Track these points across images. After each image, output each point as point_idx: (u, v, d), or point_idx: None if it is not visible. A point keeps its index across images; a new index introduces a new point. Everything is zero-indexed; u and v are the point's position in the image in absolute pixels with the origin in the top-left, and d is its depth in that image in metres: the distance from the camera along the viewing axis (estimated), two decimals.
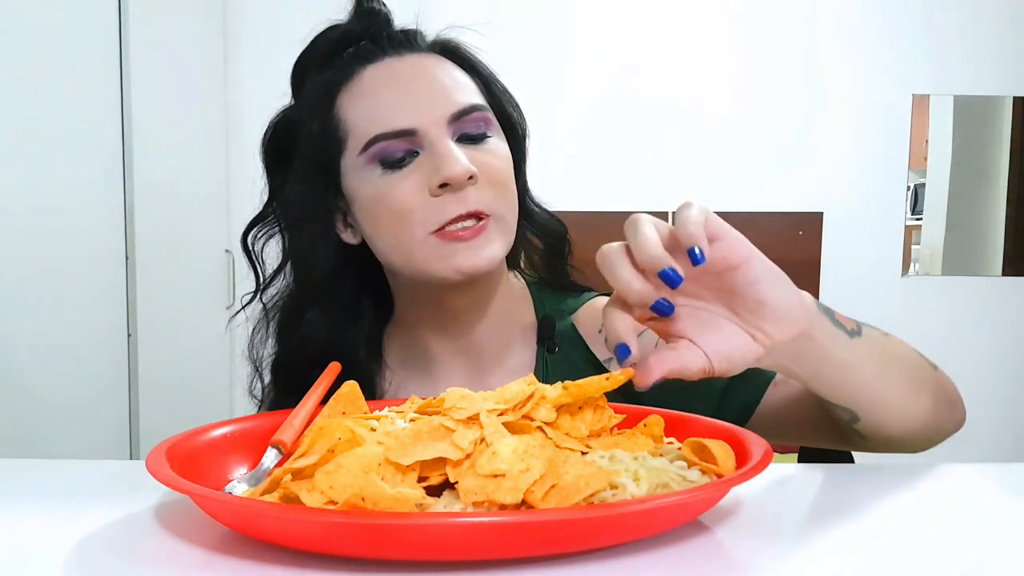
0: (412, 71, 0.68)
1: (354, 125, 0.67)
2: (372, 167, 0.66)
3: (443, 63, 0.70)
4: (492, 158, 0.67)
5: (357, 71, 0.68)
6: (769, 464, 0.43)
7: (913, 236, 2.45)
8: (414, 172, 0.65)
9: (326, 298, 0.71)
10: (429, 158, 0.64)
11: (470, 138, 0.67)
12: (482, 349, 0.75)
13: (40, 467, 0.55)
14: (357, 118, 0.67)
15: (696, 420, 0.54)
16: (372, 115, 0.66)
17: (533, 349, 0.76)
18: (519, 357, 0.76)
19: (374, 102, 0.66)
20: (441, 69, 0.69)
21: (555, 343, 0.75)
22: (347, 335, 0.72)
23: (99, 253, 1.71)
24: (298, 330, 0.71)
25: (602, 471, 0.39)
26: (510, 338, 0.76)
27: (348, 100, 0.68)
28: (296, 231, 0.71)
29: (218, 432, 0.51)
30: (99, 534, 0.41)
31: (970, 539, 0.43)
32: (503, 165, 0.68)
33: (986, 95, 2.39)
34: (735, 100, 2.41)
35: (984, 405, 2.45)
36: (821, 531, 0.43)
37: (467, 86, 0.69)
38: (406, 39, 0.70)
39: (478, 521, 0.36)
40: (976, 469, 0.55)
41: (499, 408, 0.45)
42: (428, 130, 0.65)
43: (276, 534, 0.37)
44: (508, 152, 0.70)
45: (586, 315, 0.76)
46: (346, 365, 0.67)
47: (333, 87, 0.69)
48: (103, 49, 1.73)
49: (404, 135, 0.65)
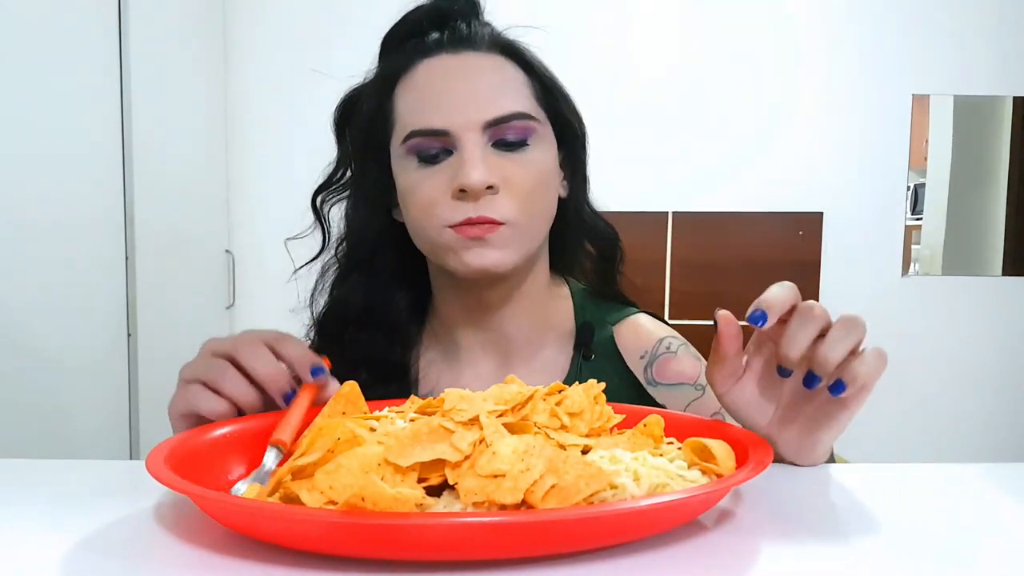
0: (462, 71, 0.69)
1: (400, 116, 0.70)
2: (410, 158, 0.69)
3: (499, 64, 0.70)
4: (522, 168, 0.68)
5: (415, 63, 0.70)
6: (769, 464, 0.43)
7: (913, 236, 2.45)
8: (444, 171, 0.67)
9: (372, 265, 0.75)
10: (458, 159, 0.66)
11: (507, 144, 0.68)
12: (510, 345, 0.77)
13: (40, 467, 0.55)
14: (403, 110, 0.70)
15: (696, 420, 0.54)
16: (415, 110, 0.68)
17: (568, 354, 0.77)
18: (552, 359, 0.77)
19: (419, 97, 0.69)
20: (494, 71, 0.69)
21: (592, 350, 0.76)
22: (388, 303, 0.76)
23: (99, 253, 1.71)
24: (344, 290, 0.76)
25: (602, 471, 0.39)
26: (543, 339, 0.78)
27: (402, 90, 0.70)
28: (353, 200, 0.76)
29: (218, 432, 0.51)
30: (99, 534, 0.41)
31: (970, 539, 0.43)
32: (534, 177, 0.68)
33: (986, 95, 2.39)
34: (735, 100, 2.41)
35: (984, 405, 2.45)
36: (821, 531, 0.43)
37: (517, 91, 0.69)
38: (469, 35, 0.71)
39: (478, 521, 0.36)
40: (976, 469, 0.55)
41: (499, 409, 0.45)
42: (461, 133, 0.66)
43: (276, 534, 0.37)
44: (549, 161, 0.71)
45: (627, 332, 0.78)
46: (382, 332, 0.74)
47: (393, 76, 0.71)
48: (103, 49, 1.73)
49: (438, 135, 0.67)
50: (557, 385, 0.50)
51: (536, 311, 0.77)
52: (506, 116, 0.67)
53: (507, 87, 0.69)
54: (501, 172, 0.66)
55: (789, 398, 0.56)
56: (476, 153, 0.65)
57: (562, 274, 0.82)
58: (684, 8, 2.42)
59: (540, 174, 0.69)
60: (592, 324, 0.78)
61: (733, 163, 2.41)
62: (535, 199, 0.69)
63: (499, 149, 0.67)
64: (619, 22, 2.42)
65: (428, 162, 0.68)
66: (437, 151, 0.67)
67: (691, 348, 0.78)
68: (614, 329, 0.77)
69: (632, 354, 0.76)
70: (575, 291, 0.81)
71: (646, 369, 0.75)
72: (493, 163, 0.66)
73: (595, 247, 0.80)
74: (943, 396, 2.43)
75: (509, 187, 0.67)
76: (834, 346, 0.49)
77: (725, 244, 2.41)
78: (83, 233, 1.64)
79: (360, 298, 0.74)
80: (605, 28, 2.41)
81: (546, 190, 0.70)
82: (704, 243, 2.42)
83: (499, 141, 0.67)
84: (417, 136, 0.67)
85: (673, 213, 2.42)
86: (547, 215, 0.72)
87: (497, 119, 0.67)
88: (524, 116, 0.68)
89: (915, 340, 2.41)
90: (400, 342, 0.76)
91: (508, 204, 0.67)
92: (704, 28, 2.42)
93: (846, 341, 0.49)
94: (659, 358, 0.75)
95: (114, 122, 1.77)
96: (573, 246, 0.80)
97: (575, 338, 0.78)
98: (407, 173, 0.69)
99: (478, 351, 0.77)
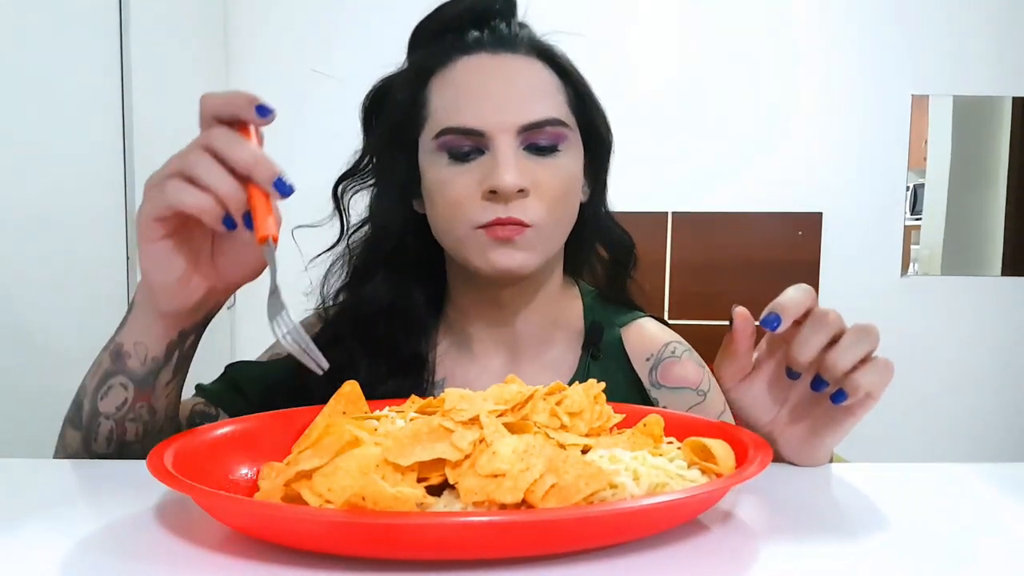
0: (500, 72, 0.69)
1: (434, 111, 0.70)
2: (440, 154, 0.69)
3: (536, 68, 0.70)
4: (552, 174, 0.68)
5: (453, 59, 0.70)
6: (769, 464, 0.43)
7: (912, 236, 2.45)
8: (475, 170, 0.67)
9: (394, 257, 0.75)
10: (491, 160, 0.67)
11: (539, 149, 0.68)
12: (520, 342, 0.78)
13: (40, 467, 0.55)
14: (438, 105, 0.70)
15: (696, 420, 0.54)
16: (450, 107, 0.68)
17: (577, 353, 0.79)
18: (560, 357, 0.79)
19: (455, 95, 0.69)
20: (531, 75, 0.70)
21: (599, 350, 0.78)
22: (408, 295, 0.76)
23: (100, 252, 1.71)
24: (364, 279, 0.76)
25: (602, 471, 0.39)
26: (553, 338, 0.79)
27: (437, 85, 0.70)
28: (378, 190, 0.76)
29: (218, 432, 0.51)
30: (99, 534, 0.41)
31: (970, 539, 0.43)
32: (562, 182, 0.69)
33: (985, 95, 2.39)
34: (734, 100, 2.41)
35: (983, 405, 2.46)
36: (821, 531, 0.43)
37: (552, 96, 0.70)
38: (508, 36, 0.71)
39: (478, 520, 0.36)
40: (976, 469, 0.55)
41: (499, 409, 0.45)
42: (495, 135, 0.66)
43: (277, 533, 0.37)
44: (576, 168, 0.72)
45: (634, 334, 0.79)
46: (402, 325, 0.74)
47: (428, 69, 0.71)
48: (104, 49, 1.73)
49: (472, 134, 0.67)
50: (558, 385, 0.50)
51: (548, 310, 0.78)
52: (540, 121, 0.67)
53: (543, 92, 0.69)
54: (532, 176, 0.67)
55: (796, 400, 0.56)
56: (509, 156, 0.66)
57: (572, 275, 0.84)
58: (684, 9, 2.42)
59: (568, 180, 0.70)
60: (601, 324, 0.79)
61: (732, 163, 2.41)
62: (562, 204, 0.69)
63: (531, 153, 0.68)
64: (619, 22, 2.42)
65: (459, 159, 0.68)
66: (469, 149, 0.68)
67: (695, 354, 0.79)
68: (622, 331, 0.79)
69: (638, 356, 0.77)
70: (585, 292, 0.83)
71: (651, 372, 0.76)
72: (524, 166, 0.67)
73: (610, 252, 0.81)
74: (942, 396, 2.43)
75: (539, 191, 0.68)
76: (844, 354, 0.50)
77: (725, 244, 2.41)
78: (84, 232, 1.64)
79: (381, 291, 0.74)
80: (605, 28, 2.41)
81: (572, 196, 0.71)
82: (704, 243, 2.42)
83: (531, 145, 0.68)
84: (450, 133, 0.68)
85: (673, 213, 2.43)
86: (570, 219, 0.73)
87: (532, 124, 0.67)
88: (558, 123, 0.69)
89: (914, 340, 2.41)
90: (419, 334, 0.77)
91: (537, 207, 0.67)
92: (703, 29, 2.42)
93: (856, 349, 0.50)
94: (663, 361, 0.76)
95: (115, 121, 1.77)
96: (587, 249, 0.81)
97: (584, 337, 0.79)
98: (436, 169, 0.69)
99: (489, 345, 0.78)
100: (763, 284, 2.38)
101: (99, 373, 0.60)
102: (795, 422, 0.56)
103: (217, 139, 0.51)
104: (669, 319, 2.61)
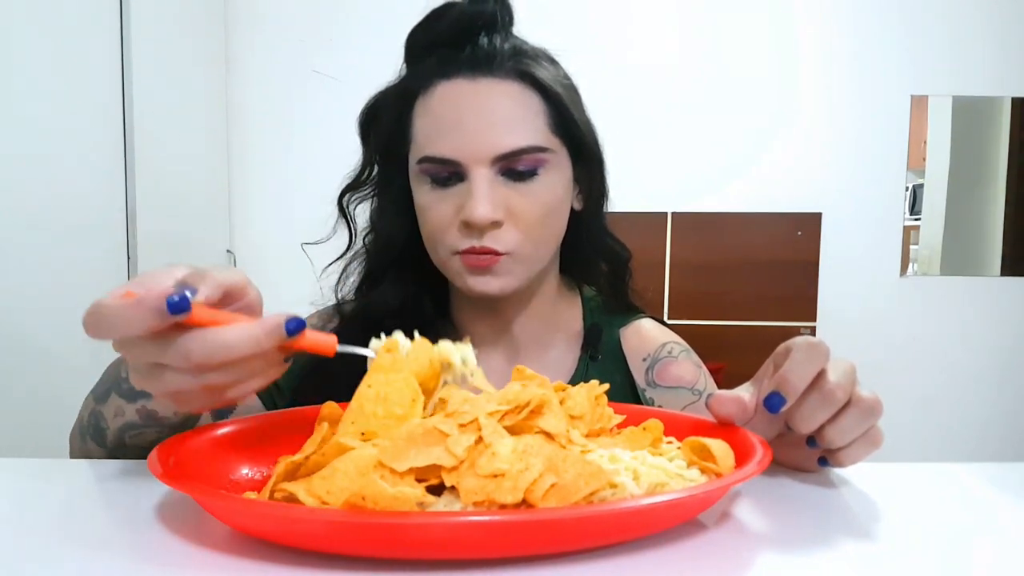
0: (476, 100, 0.68)
1: (416, 136, 0.71)
2: (424, 178, 0.70)
3: (514, 92, 0.69)
4: (531, 201, 0.69)
5: (433, 84, 0.70)
6: (769, 464, 0.43)
7: (912, 236, 2.45)
8: (454, 197, 0.69)
9: (400, 265, 0.77)
10: (467, 188, 0.67)
11: (516, 175, 0.68)
12: (519, 344, 0.79)
13: (40, 467, 0.55)
14: (419, 131, 0.70)
15: (696, 420, 0.54)
16: (428, 135, 0.69)
17: (576, 354, 0.80)
18: (559, 359, 0.80)
19: (433, 123, 0.69)
20: (508, 101, 0.68)
21: (598, 352, 0.79)
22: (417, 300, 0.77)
23: (101, 253, 1.71)
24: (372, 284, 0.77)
25: (602, 470, 0.39)
26: (551, 340, 0.80)
27: (420, 109, 0.71)
28: (379, 203, 0.78)
29: (218, 432, 0.51)
30: (99, 534, 0.41)
31: (970, 539, 0.43)
32: (541, 207, 0.69)
33: (984, 96, 2.39)
34: (734, 101, 2.41)
35: (983, 405, 2.46)
36: (820, 530, 0.43)
37: (530, 122, 0.69)
38: (491, 55, 0.70)
39: (478, 520, 0.36)
40: (975, 469, 0.55)
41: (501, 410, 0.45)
42: (470, 165, 0.67)
43: (277, 533, 0.38)
44: (560, 186, 0.71)
45: (632, 335, 0.80)
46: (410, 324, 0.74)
47: (412, 93, 0.72)
48: (105, 49, 1.73)
49: (448, 163, 0.68)
50: (560, 385, 0.50)
51: (545, 314, 0.79)
52: (516, 151, 0.67)
53: (519, 119, 0.68)
54: (507, 203, 0.68)
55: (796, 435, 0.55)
56: (483, 187, 0.66)
57: (575, 279, 0.84)
58: (683, 9, 2.42)
59: (548, 204, 0.70)
60: (600, 326, 0.80)
61: (732, 163, 2.42)
62: (539, 228, 0.70)
63: (508, 178, 0.68)
64: (619, 22, 2.43)
65: (440, 184, 0.69)
66: (448, 175, 0.69)
67: (693, 354, 0.79)
68: (620, 332, 0.80)
69: (636, 356, 0.78)
70: (587, 296, 0.84)
71: (648, 371, 0.77)
72: (500, 194, 0.67)
73: (606, 264, 0.82)
74: (942, 396, 2.43)
75: (515, 219, 0.68)
76: (844, 435, 0.49)
77: (724, 244, 2.41)
78: (84, 233, 1.64)
79: (389, 295, 0.76)
80: (604, 28, 2.41)
81: (554, 217, 0.72)
82: (703, 243, 2.42)
83: (508, 171, 0.68)
84: (429, 162, 0.69)
85: (672, 213, 2.43)
86: (555, 237, 0.74)
87: (507, 153, 0.67)
88: (535, 149, 0.68)
89: (913, 340, 2.41)
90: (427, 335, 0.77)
91: (512, 236, 0.68)
92: (703, 29, 2.42)
93: (857, 431, 0.49)
94: (660, 361, 0.77)
95: (115, 122, 1.77)
96: (584, 257, 0.82)
97: (583, 339, 0.80)
98: (421, 192, 0.71)
99: (489, 347, 0.79)
100: (763, 284, 2.39)
101: (122, 423, 0.58)
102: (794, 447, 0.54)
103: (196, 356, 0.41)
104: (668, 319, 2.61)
